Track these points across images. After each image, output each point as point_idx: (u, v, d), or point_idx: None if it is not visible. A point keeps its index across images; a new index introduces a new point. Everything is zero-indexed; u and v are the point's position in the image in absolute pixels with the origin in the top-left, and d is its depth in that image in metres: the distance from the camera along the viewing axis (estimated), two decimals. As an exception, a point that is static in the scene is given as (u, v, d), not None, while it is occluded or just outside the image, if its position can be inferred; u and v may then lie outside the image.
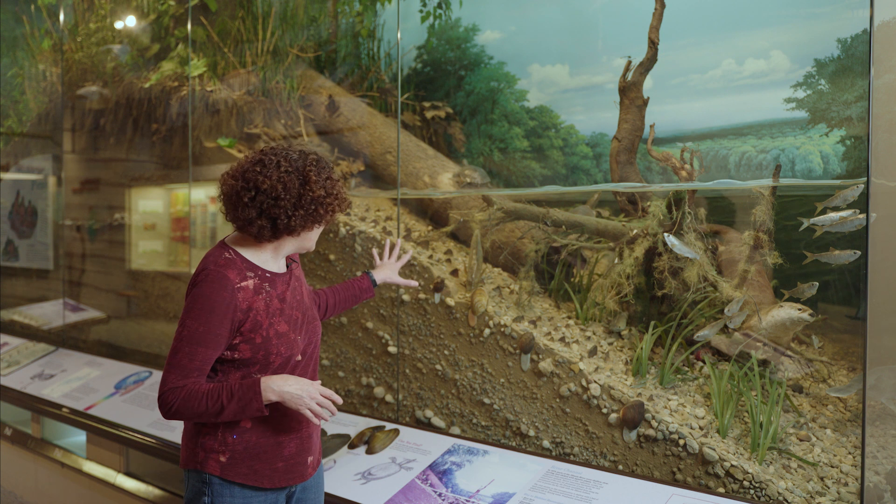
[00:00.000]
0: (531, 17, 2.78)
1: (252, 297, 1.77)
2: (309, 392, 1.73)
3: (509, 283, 2.84)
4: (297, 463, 1.89)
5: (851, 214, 2.03)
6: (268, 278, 1.82)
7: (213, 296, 1.72)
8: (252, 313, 1.76)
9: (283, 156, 1.79)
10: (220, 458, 1.80)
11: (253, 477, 1.82)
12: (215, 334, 1.72)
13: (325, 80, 3.48)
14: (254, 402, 1.70)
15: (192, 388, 1.71)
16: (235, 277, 1.76)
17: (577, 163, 2.67)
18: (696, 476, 2.27)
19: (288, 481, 1.88)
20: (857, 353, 2.08)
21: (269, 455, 1.84)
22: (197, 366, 1.73)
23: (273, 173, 1.75)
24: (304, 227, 1.80)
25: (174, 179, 4.24)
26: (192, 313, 1.73)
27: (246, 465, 1.81)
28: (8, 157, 5.53)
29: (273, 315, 1.81)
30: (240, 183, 1.77)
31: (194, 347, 1.72)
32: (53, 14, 4.95)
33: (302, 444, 1.89)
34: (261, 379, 1.73)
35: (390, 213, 3.19)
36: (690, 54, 2.36)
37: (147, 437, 3.23)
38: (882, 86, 1.99)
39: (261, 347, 1.78)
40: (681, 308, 2.39)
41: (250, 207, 1.76)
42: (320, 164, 1.82)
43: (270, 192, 1.74)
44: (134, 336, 4.46)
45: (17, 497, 4.15)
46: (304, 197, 1.76)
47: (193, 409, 1.71)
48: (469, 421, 2.84)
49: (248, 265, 1.80)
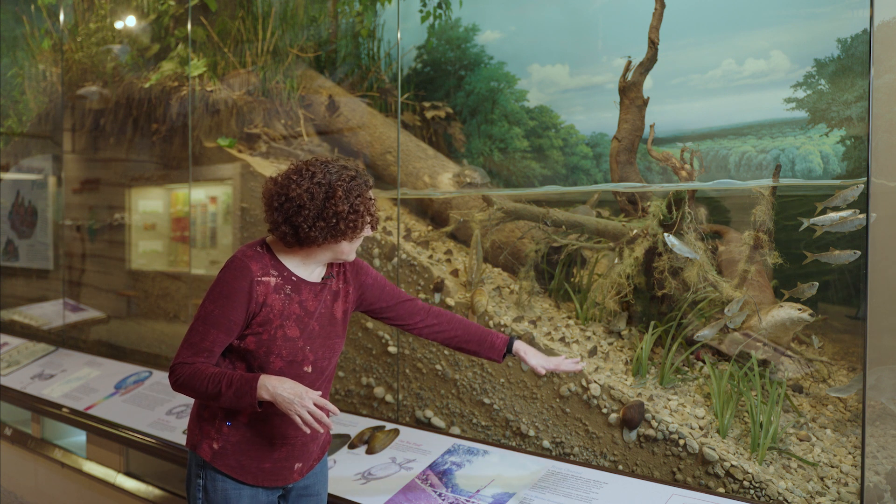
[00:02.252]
0: (531, 17, 2.78)
1: (270, 293, 1.81)
2: (301, 399, 1.73)
3: (509, 283, 2.84)
4: (284, 468, 1.91)
5: (851, 214, 2.03)
6: (293, 282, 1.85)
7: (232, 282, 1.79)
8: (266, 309, 1.80)
9: (322, 168, 1.81)
10: (214, 445, 1.86)
11: (239, 471, 1.86)
12: (228, 319, 1.78)
13: (325, 80, 3.48)
14: (247, 397, 1.74)
15: (199, 368, 1.77)
16: (258, 270, 1.80)
17: (577, 163, 2.67)
18: (696, 476, 2.27)
19: (272, 482, 1.90)
20: (857, 353, 2.08)
21: (259, 453, 1.86)
22: (207, 346, 1.79)
23: (305, 183, 1.78)
24: (327, 239, 1.81)
25: (174, 179, 4.24)
26: (210, 296, 1.81)
27: (234, 457, 1.86)
28: (8, 157, 5.53)
29: (287, 318, 1.83)
30: (276, 188, 1.82)
31: (207, 328, 1.79)
32: (53, 14, 4.95)
33: (293, 450, 1.91)
34: (260, 376, 1.75)
35: (390, 213, 3.19)
36: (690, 54, 2.36)
37: (147, 437, 3.23)
38: (882, 86, 1.99)
39: (264, 344, 1.80)
40: (681, 308, 2.39)
41: (278, 212, 1.80)
42: (355, 180, 1.81)
43: (297, 200, 1.77)
44: (134, 336, 4.46)
45: (17, 497, 4.15)
46: (327, 210, 1.78)
47: (195, 388, 1.77)
48: (469, 421, 2.84)
49: (275, 264, 1.84)
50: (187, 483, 1.94)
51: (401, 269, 3.06)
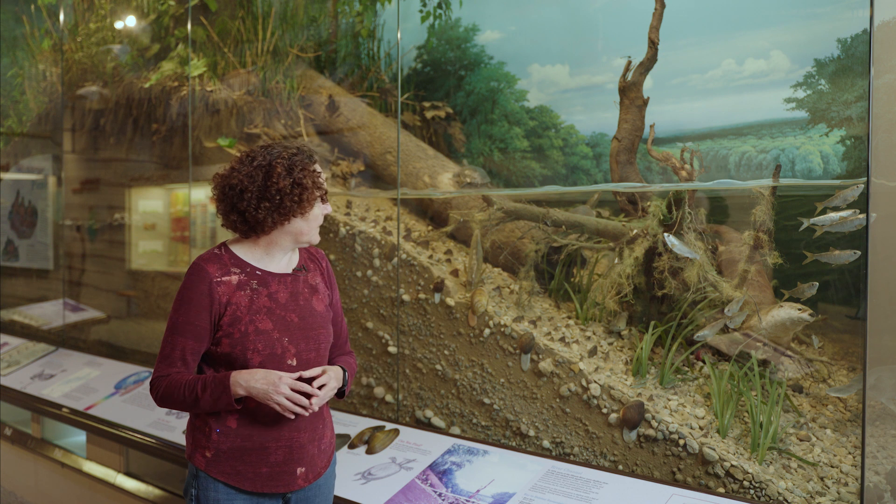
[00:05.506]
0: (531, 17, 2.78)
1: (233, 291, 1.81)
2: (275, 386, 1.72)
3: (509, 283, 2.84)
4: (284, 472, 1.86)
5: (851, 214, 2.03)
6: (258, 276, 1.85)
7: (192, 288, 1.80)
8: (231, 308, 1.80)
9: (262, 151, 1.83)
10: (206, 454, 1.84)
11: (235, 477, 1.83)
12: (194, 325, 1.78)
13: (325, 80, 3.48)
14: (223, 397, 1.74)
15: (174, 378, 1.79)
16: (216, 272, 1.81)
17: (577, 163, 2.67)
18: (696, 476, 2.27)
19: (273, 488, 1.85)
20: (857, 353, 2.08)
21: (254, 458, 1.83)
22: (178, 355, 1.80)
23: (245, 168, 1.80)
24: (277, 219, 1.80)
25: (174, 179, 4.24)
26: (174, 305, 1.82)
27: (229, 464, 1.83)
28: (8, 157, 5.53)
29: (257, 312, 1.82)
30: (220, 179, 1.84)
31: (175, 337, 1.80)
32: (53, 14, 4.95)
33: (291, 453, 1.86)
34: (231, 374, 1.75)
35: (390, 213, 3.19)
36: (690, 54, 2.36)
37: (147, 437, 3.23)
38: (882, 86, 1.99)
39: (239, 342, 1.79)
40: (681, 308, 2.39)
41: (224, 202, 1.82)
42: (296, 156, 1.81)
43: (238, 185, 1.79)
44: (134, 336, 4.46)
45: (17, 497, 4.15)
46: (269, 189, 1.77)
47: (175, 399, 1.79)
48: (469, 421, 2.84)
49: (236, 262, 1.84)
50: (184, 493, 1.94)
51: (401, 269, 3.06)
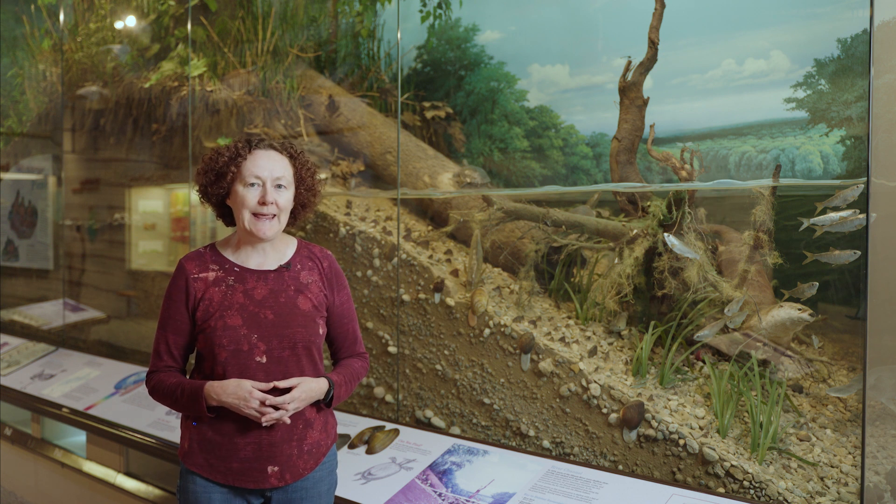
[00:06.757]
0: (531, 17, 2.78)
1: (209, 287, 1.87)
2: (245, 401, 1.78)
3: (509, 283, 2.84)
4: (254, 469, 1.85)
5: (851, 214, 2.03)
6: (235, 272, 1.90)
7: (172, 284, 1.91)
8: (204, 303, 1.86)
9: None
10: (185, 445, 1.92)
11: (207, 469, 1.88)
12: (174, 319, 1.89)
13: (325, 80, 3.48)
14: (196, 405, 1.82)
15: (160, 378, 1.89)
16: (194, 269, 1.90)
17: (577, 163, 2.67)
18: (696, 476, 2.27)
19: (244, 483, 1.86)
20: (857, 353, 2.08)
21: (224, 452, 1.86)
22: (164, 349, 1.90)
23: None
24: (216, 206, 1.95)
25: (174, 179, 4.24)
26: (161, 302, 1.95)
27: (202, 456, 1.88)
28: (8, 157, 5.53)
29: (228, 308, 1.85)
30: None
31: (161, 331, 1.91)
32: (53, 14, 4.95)
33: (260, 450, 1.84)
34: (205, 385, 1.82)
35: (390, 213, 3.19)
36: (690, 54, 2.36)
37: (147, 437, 3.23)
38: (882, 86, 1.99)
39: (209, 338, 1.84)
40: (681, 308, 2.39)
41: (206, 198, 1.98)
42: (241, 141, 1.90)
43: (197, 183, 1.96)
44: (134, 336, 4.46)
45: (17, 497, 4.15)
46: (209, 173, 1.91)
47: (163, 398, 1.90)
48: (469, 421, 2.84)
49: (216, 259, 1.92)
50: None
51: (401, 269, 3.06)
